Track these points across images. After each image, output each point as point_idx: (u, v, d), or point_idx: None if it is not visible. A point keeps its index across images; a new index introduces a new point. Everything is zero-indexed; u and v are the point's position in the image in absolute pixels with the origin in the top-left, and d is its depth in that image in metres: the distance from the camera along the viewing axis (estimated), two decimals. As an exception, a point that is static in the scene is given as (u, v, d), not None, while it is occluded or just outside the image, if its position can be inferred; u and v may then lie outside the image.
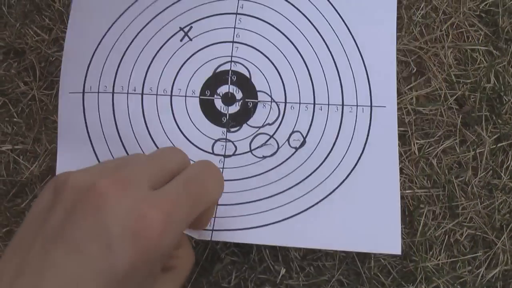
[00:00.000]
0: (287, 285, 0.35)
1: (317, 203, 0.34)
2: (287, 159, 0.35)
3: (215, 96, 0.36)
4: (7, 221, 0.37)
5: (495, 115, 0.37)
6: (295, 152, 0.35)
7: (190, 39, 0.37)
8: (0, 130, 0.39)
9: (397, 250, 0.33)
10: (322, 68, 0.36)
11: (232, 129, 0.35)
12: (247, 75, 0.36)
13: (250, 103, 0.36)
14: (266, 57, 0.37)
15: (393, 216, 0.33)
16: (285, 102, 0.36)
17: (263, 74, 0.36)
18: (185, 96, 0.36)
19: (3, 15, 0.41)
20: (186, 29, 0.37)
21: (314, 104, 0.36)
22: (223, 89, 0.36)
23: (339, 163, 0.35)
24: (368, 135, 0.35)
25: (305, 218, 0.34)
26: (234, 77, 0.36)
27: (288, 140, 0.35)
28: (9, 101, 0.39)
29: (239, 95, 0.36)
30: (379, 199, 0.34)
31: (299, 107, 0.36)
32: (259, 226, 0.33)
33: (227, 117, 0.36)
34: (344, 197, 0.34)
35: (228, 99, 0.36)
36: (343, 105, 0.36)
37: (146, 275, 0.23)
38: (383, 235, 0.33)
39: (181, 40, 0.37)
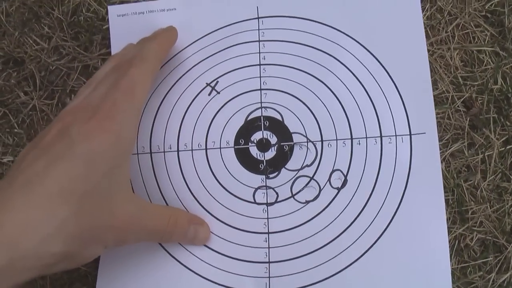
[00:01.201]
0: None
1: (367, 250, 0.34)
2: (330, 202, 0.35)
3: (250, 144, 0.36)
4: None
5: (503, 117, 0.37)
6: (337, 193, 0.35)
7: (218, 92, 0.37)
8: (0, 141, 0.38)
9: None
10: (356, 101, 0.36)
11: (271, 175, 0.35)
12: (279, 118, 0.36)
13: (286, 147, 0.36)
14: (296, 98, 0.36)
15: (443, 252, 0.33)
16: (322, 141, 0.36)
17: (295, 115, 0.36)
18: (220, 147, 0.36)
19: (1, 24, 0.40)
20: (212, 84, 0.37)
21: (352, 139, 0.35)
22: (257, 136, 0.36)
23: (384, 201, 0.34)
24: (410, 166, 0.35)
25: (358, 267, 0.33)
26: (266, 123, 0.36)
27: (329, 180, 0.35)
28: (9, 111, 0.39)
29: (273, 139, 0.36)
30: (427, 235, 0.34)
31: (337, 144, 0.36)
32: (314, 283, 0.33)
33: (264, 163, 0.36)
34: (392, 239, 0.34)
35: (263, 145, 0.36)
36: (381, 136, 0.35)
37: (110, 166, 0.27)
38: (433, 273, 0.33)
39: (209, 95, 0.37)
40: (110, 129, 0.28)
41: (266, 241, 0.34)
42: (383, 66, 0.36)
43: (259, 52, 0.37)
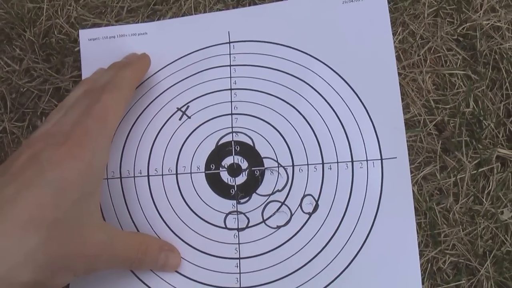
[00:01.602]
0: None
1: (339, 275, 0.33)
2: (302, 227, 0.34)
3: (221, 169, 0.36)
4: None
5: (475, 140, 0.37)
6: (309, 218, 0.35)
7: (189, 117, 0.37)
8: (-30, 164, 0.38)
9: None
10: (327, 126, 0.36)
11: (242, 200, 0.35)
12: (251, 143, 0.36)
13: (257, 171, 0.36)
14: (268, 123, 0.36)
15: (414, 276, 0.33)
16: (293, 165, 0.36)
17: (266, 140, 0.36)
18: (190, 172, 0.36)
19: (-28, 45, 0.40)
20: (183, 109, 0.37)
21: (323, 163, 0.35)
22: (227, 161, 0.36)
23: (355, 225, 0.34)
24: (381, 190, 0.35)
25: None
26: (237, 147, 0.36)
27: (300, 205, 0.35)
28: (-21, 134, 0.38)
29: (244, 164, 0.36)
30: (399, 259, 0.33)
31: (308, 168, 0.35)
32: None
33: (235, 188, 0.36)
34: (364, 264, 0.34)
35: (234, 170, 0.36)
36: (352, 161, 0.35)
37: (80, 193, 0.27)
38: None
39: (180, 119, 0.37)
40: (81, 157, 0.28)
41: (237, 266, 0.34)
42: (354, 91, 0.36)
43: (230, 77, 0.37)
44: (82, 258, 0.28)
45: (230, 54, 0.38)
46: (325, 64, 0.37)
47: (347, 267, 0.33)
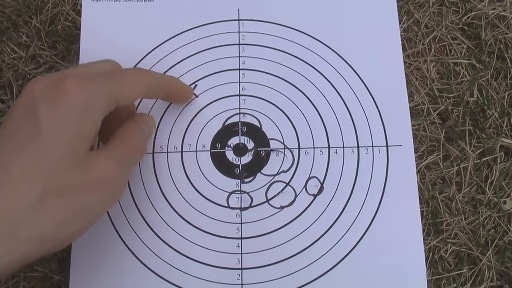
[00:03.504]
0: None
1: (342, 259, 0.34)
2: (306, 208, 0.35)
3: (226, 148, 0.36)
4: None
5: (479, 130, 0.37)
6: (313, 199, 0.35)
7: (196, 96, 0.37)
8: (-24, 149, 0.38)
9: None
10: (334, 111, 0.36)
11: (246, 180, 0.35)
12: (258, 124, 0.36)
13: (262, 152, 0.36)
14: (275, 105, 0.37)
15: (418, 261, 0.33)
16: (299, 148, 0.36)
17: (273, 122, 0.36)
18: (196, 150, 0.36)
19: (-22, 32, 0.40)
20: (191, 87, 0.37)
21: (329, 147, 0.36)
22: (234, 141, 0.36)
23: (360, 210, 0.34)
24: (386, 176, 0.35)
25: (333, 277, 0.33)
26: (244, 128, 0.36)
27: (305, 186, 0.35)
28: (-15, 119, 0.39)
29: (250, 145, 0.36)
30: (403, 245, 0.34)
31: (314, 151, 0.36)
32: None
33: (240, 167, 0.35)
34: (368, 248, 0.34)
35: (240, 150, 0.36)
36: (358, 146, 0.36)
37: (76, 134, 0.26)
38: (409, 283, 0.33)
39: None
40: (77, 97, 0.26)
41: (238, 246, 0.34)
42: (360, 78, 0.37)
43: (239, 56, 0.37)
44: (99, 185, 0.26)
45: (239, 32, 0.38)
46: (333, 50, 0.37)
47: (350, 251, 0.34)
